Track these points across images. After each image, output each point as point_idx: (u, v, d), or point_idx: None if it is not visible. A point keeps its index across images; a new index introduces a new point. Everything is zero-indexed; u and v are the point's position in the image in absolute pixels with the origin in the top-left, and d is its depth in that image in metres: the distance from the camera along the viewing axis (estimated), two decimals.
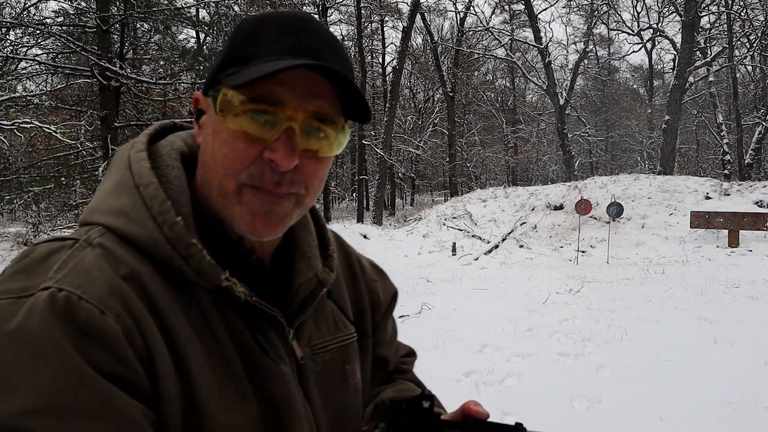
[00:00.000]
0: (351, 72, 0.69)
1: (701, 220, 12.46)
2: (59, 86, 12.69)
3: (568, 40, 53.25)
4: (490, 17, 32.49)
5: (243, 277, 0.65)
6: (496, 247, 14.13)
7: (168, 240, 0.60)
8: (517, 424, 0.67)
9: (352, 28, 27.03)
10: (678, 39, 22.71)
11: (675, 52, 25.10)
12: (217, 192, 0.64)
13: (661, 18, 28.80)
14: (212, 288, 0.62)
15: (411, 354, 1.04)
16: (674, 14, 25.62)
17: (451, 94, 28.15)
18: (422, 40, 32.03)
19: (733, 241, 12.04)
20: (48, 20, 11.37)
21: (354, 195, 29.15)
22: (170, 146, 0.71)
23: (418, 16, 24.41)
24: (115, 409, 0.50)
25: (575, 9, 29.80)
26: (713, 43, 24.82)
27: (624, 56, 34.93)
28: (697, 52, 22.40)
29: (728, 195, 14.59)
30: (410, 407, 0.71)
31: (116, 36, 11.34)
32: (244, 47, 0.63)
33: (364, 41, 25.62)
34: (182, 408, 0.57)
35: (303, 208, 0.67)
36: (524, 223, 16.04)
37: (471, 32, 30.53)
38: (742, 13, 24.05)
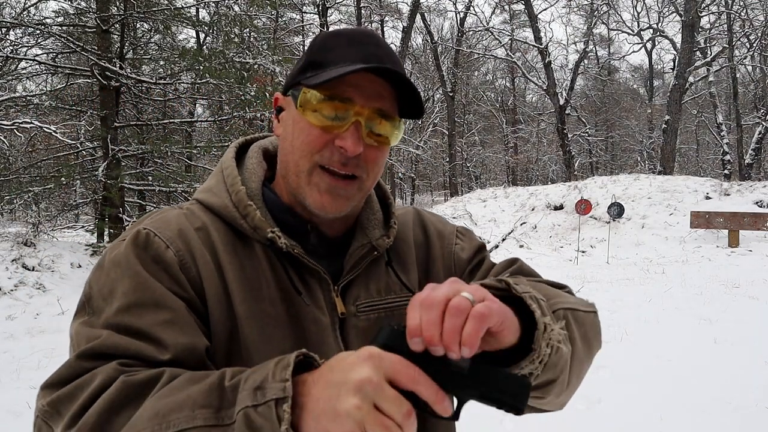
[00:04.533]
0: (406, 75, 0.81)
1: (701, 220, 12.46)
2: (59, 86, 12.67)
3: (568, 40, 53.32)
4: (490, 17, 32.51)
5: (299, 241, 0.82)
6: (496, 247, 14.13)
7: (234, 204, 0.81)
8: (522, 376, 0.64)
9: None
10: (678, 39, 22.71)
11: (675, 52, 25.09)
12: (293, 171, 0.80)
13: (661, 18, 28.82)
14: (263, 240, 0.80)
15: (511, 263, 0.97)
16: (674, 14, 25.63)
17: (451, 94, 28.15)
18: (422, 40, 32.04)
19: (733, 241, 12.04)
20: (48, 20, 11.35)
21: None
22: (258, 144, 0.93)
23: (418, 16, 24.41)
24: (168, 304, 0.71)
25: (575, 9, 29.82)
26: (713, 43, 24.81)
27: (624, 56, 34.95)
28: (697, 52, 22.39)
29: (728, 195, 14.58)
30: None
31: (116, 36, 11.32)
32: (320, 55, 0.79)
33: None
34: (228, 328, 0.75)
35: (364, 191, 0.83)
36: (524, 223, 16.03)
37: (471, 32, 30.52)
38: (742, 13, 24.05)
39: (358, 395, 0.52)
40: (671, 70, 27.11)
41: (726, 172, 22.30)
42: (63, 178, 10.62)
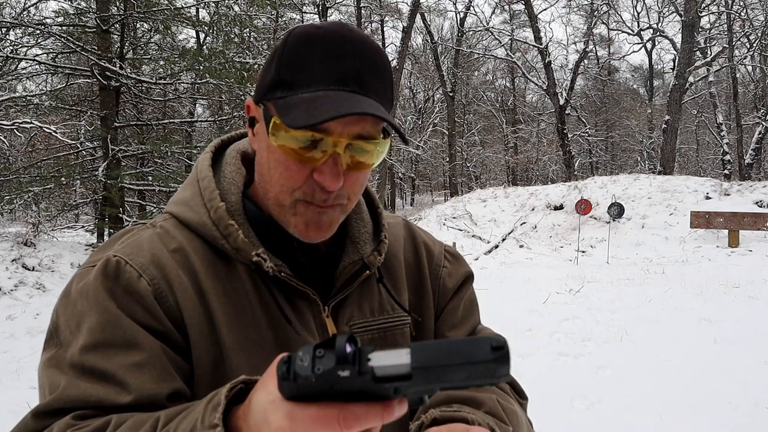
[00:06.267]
0: (390, 87, 0.74)
1: (701, 220, 12.46)
2: (59, 86, 12.68)
3: (568, 40, 53.34)
4: (490, 17, 32.51)
5: (285, 257, 0.77)
6: (496, 247, 14.13)
7: (213, 222, 0.74)
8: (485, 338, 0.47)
9: None
10: (678, 39, 22.71)
11: (675, 52, 25.08)
12: (273, 201, 0.74)
13: (661, 18, 28.82)
14: (247, 262, 0.74)
15: None
16: (674, 14, 25.63)
17: (451, 94, 28.14)
18: (422, 40, 32.02)
19: (733, 241, 12.04)
20: (48, 20, 11.34)
21: None
22: (235, 147, 0.85)
23: (418, 16, 24.40)
24: (140, 344, 0.66)
25: (575, 9, 29.81)
26: (713, 43, 24.80)
27: (624, 56, 34.90)
28: (697, 52, 22.38)
29: (728, 195, 14.58)
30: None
31: (116, 36, 11.32)
32: (292, 72, 0.70)
33: None
34: (212, 358, 0.70)
35: (346, 213, 0.77)
36: (524, 223, 16.03)
37: (471, 32, 30.52)
38: (742, 13, 24.05)
39: None
40: (671, 70, 27.11)
41: (726, 172, 22.30)
42: (63, 178, 10.62)
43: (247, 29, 14.17)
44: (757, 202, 13.76)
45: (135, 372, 0.64)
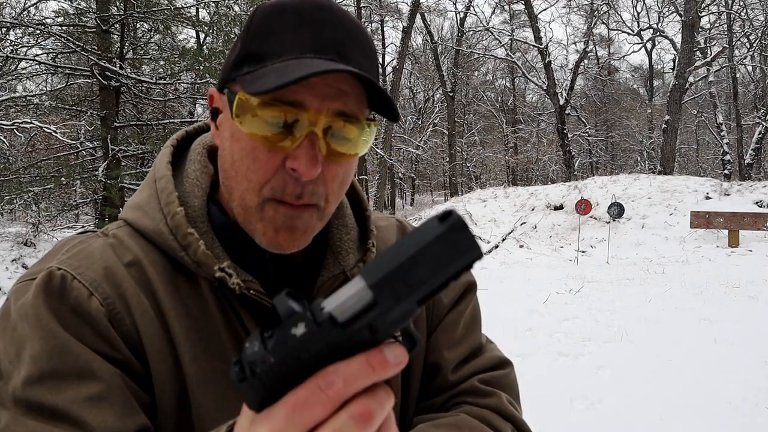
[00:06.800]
0: (375, 64, 0.64)
1: (701, 220, 12.46)
2: (59, 86, 12.68)
3: (568, 40, 53.34)
4: (490, 17, 32.52)
5: (256, 271, 0.65)
6: (496, 247, 14.13)
7: (171, 231, 0.63)
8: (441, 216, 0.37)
9: None
10: (678, 39, 22.71)
11: (675, 52, 25.08)
12: (238, 203, 0.62)
13: (661, 18, 28.82)
14: (210, 278, 0.62)
15: (498, 366, 0.81)
16: (674, 14, 25.63)
17: (451, 94, 28.14)
18: (422, 40, 32.02)
19: (733, 241, 12.04)
20: (48, 20, 11.35)
21: None
22: (200, 141, 0.72)
23: (418, 16, 24.39)
24: (95, 372, 0.55)
25: (575, 9, 29.82)
26: (713, 43, 24.80)
27: (624, 56, 34.92)
28: (697, 52, 22.38)
29: (728, 195, 14.58)
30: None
31: (116, 36, 11.33)
32: (261, 43, 0.58)
33: None
34: (176, 391, 0.60)
35: (324, 219, 0.64)
36: (524, 223, 16.03)
37: (471, 32, 30.52)
38: (742, 13, 24.05)
39: None
40: (671, 70, 27.11)
41: (726, 172, 22.30)
42: (63, 178, 10.62)
43: None
44: (757, 202, 13.76)
45: (93, 407, 0.54)
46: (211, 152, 0.71)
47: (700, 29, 21.80)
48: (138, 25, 13.02)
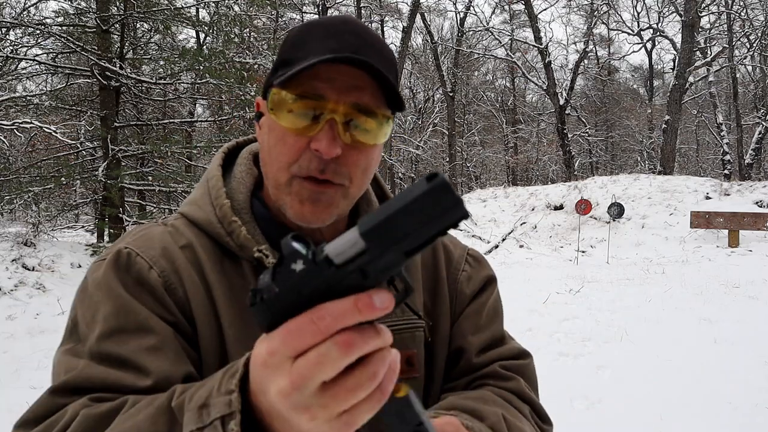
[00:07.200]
0: (390, 65, 0.73)
1: (701, 220, 12.46)
2: (59, 86, 12.66)
3: (568, 40, 53.35)
4: (490, 17, 32.51)
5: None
6: (496, 247, 14.13)
7: (219, 220, 0.76)
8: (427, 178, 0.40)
9: None
10: (678, 39, 22.71)
11: (675, 52, 25.08)
12: (272, 183, 0.74)
13: (661, 18, 28.82)
14: (251, 259, 0.75)
15: (520, 356, 0.88)
16: (674, 14, 25.63)
17: (451, 94, 28.15)
18: (422, 40, 32.01)
19: (733, 241, 12.04)
20: (48, 20, 11.33)
21: None
22: (248, 149, 0.87)
23: (418, 16, 24.39)
24: (153, 328, 0.68)
25: (575, 9, 29.82)
26: (713, 43, 24.80)
27: (624, 56, 34.92)
28: (697, 52, 22.38)
29: (728, 195, 14.58)
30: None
31: (116, 36, 11.31)
32: (292, 52, 0.71)
33: None
34: (217, 350, 0.72)
35: (349, 199, 0.75)
36: (524, 223, 16.03)
37: (471, 32, 30.51)
38: (742, 13, 24.05)
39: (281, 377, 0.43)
40: (671, 70, 27.10)
41: (726, 172, 22.30)
42: (63, 178, 10.61)
43: (247, 29, 14.17)
44: (757, 202, 13.76)
45: (150, 355, 0.66)
46: (255, 158, 0.85)
47: (700, 29, 21.80)
48: (138, 25, 13.00)
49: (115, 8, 10.65)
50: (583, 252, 12.88)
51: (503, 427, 0.72)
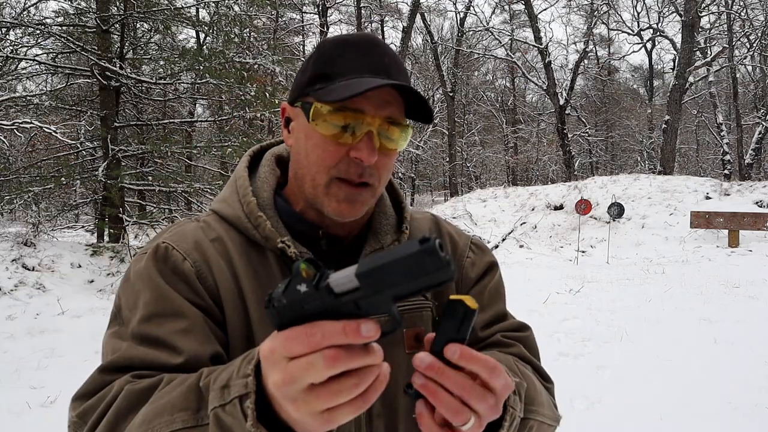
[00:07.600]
0: (410, 82, 0.85)
1: (701, 220, 12.46)
2: (59, 86, 12.66)
3: (568, 40, 53.39)
4: (490, 17, 32.53)
5: (311, 246, 0.86)
6: (496, 247, 14.13)
7: (246, 215, 0.86)
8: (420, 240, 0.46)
9: (352, 28, 27.01)
10: (678, 39, 22.71)
11: (675, 52, 25.08)
12: (309, 184, 0.83)
13: (661, 18, 28.83)
14: (275, 249, 0.84)
15: (520, 329, 0.96)
16: (674, 14, 25.64)
17: (451, 94, 28.15)
18: (422, 40, 32.04)
19: (733, 241, 12.04)
20: (48, 20, 11.32)
21: None
22: (272, 151, 0.97)
23: (418, 16, 24.41)
24: (186, 313, 0.77)
25: (575, 9, 29.83)
26: (713, 43, 24.80)
27: (624, 56, 34.91)
28: (697, 52, 22.38)
29: (728, 195, 14.58)
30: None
31: (116, 36, 11.30)
32: (330, 66, 0.80)
33: None
34: (244, 332, 0.80)
35: (376, 195, 0.85)
36: (524, 223, 16.04)
37: (471, 32, 30.53)
38: (742, 13, 24.05)
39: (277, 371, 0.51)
40: (671, 70, 27.11)
41: (726, 172, 22.30)
42: (63, 178, 10.61)
43: (247, 29, 14.16)
44: (757, 202, 13.76)
45: (182, 336, 0.75)
46: (277, 159, 0.95)
47: (700, 29, 21.80)
48: (138, 25, 12.99)
49: (115, 8, 10.65)
50: (583, 252, 12.88)
51: (513, 366, 0.81)
